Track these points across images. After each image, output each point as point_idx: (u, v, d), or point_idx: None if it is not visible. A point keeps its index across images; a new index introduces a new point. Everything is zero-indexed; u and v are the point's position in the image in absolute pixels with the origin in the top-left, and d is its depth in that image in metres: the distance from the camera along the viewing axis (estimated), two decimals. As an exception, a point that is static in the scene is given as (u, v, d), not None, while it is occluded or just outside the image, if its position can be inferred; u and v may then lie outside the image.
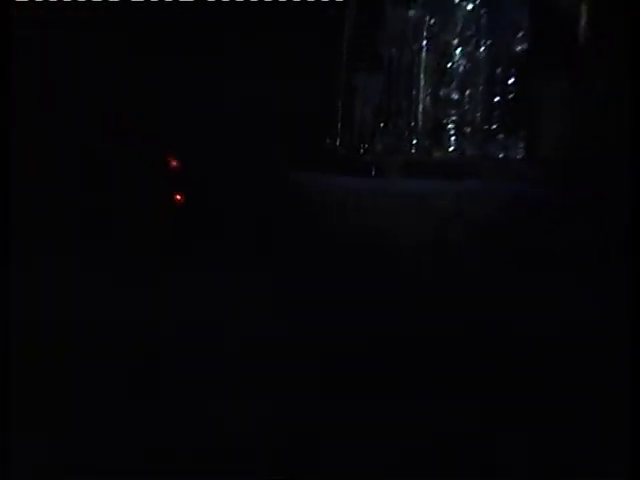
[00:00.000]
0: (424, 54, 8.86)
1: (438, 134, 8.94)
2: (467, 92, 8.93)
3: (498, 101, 8.80)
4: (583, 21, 8.28)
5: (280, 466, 3.64)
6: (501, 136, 8.73)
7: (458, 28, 8.77)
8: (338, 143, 9.03)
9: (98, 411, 4.06)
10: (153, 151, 7.87)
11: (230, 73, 9.10)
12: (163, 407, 4.09)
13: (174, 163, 7.76)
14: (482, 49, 8.82)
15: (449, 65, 8.92)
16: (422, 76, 8.89)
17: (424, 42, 8.86)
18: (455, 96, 8.97)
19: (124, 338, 5.04)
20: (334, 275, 5.83)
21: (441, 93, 8.95)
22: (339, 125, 8.92)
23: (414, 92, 8.87)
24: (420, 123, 9.00)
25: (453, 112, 8.98)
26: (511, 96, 8.80)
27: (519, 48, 8.66)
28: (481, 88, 8.88)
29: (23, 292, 5.17)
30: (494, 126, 8.82)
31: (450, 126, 8.94)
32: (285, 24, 8.84)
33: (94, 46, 9.17)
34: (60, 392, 4.26)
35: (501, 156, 8.44)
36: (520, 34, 8.62)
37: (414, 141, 8.87)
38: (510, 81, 8.73)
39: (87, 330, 5.11)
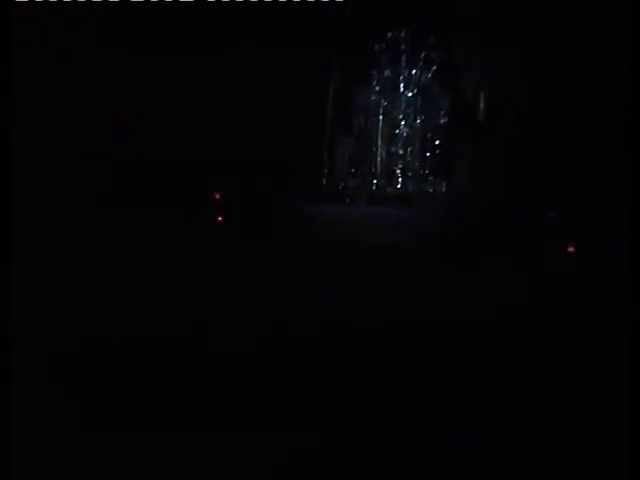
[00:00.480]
0: (380, 123, 10.72)
1: (390, 177, 10.72)
2: (408, 149, 10.73)
3: (428, 155, 10.63)
4: (481, 106, 10.08)
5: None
6: (431, 178, 10.60)
7: (403, 107, 10.69)
8: (324, 182, 10.66)
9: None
10: (203, 188, 9.62)
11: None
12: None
13: (217, 196, 9.78)
14: (418, 121, 10.67)
15: (397, 131, 10.76)
16: (379, 138, 10.75)
17: (380, 116, 10.70)
18: (401, 151, 10.74)
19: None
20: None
21: (392, 149, 10.76)
22: (325, 170, 10.64)
23: (374, 149, 10.70)
24: (378, 169, 10.75)
25: (400, 162, 10.74)
26: (437, 152, 10.60)
27: (441, 121, 10.58)
28: (417, 146, 10.68)
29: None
30: (426, 171, 10.65)
31: (398, 171, 10.71)
32: (287, 98, 9.91)
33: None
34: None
35: (431, 190, 10.54)
36: (442, 112, 10.54)
37: (374, 181, 10.71)
38: (436, 142, 10.60)
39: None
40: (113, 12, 8.59)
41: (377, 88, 10.74)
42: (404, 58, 10.64)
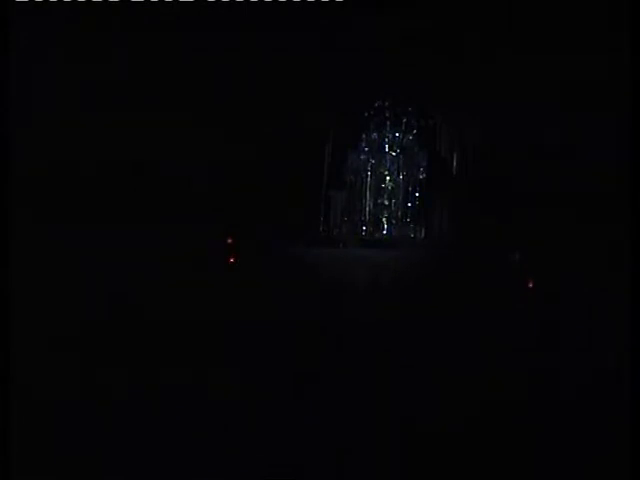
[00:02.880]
0: (368, 179, 11.68)
1: (377, 224, 11.61)
2: (393, 200, 11.62)
3: (410, 205, 11.60)
4: (454, 163, 11.29)
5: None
6: (412, 225, 11.54)
7: (387, 165, 11.67)
8: (320, 228, 11.52)
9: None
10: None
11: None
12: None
13: (230, 240, 10.69)
14: (401, 176, 11.64)
15: (382, 185, 11.68)
16: (367, 191, 11.67)
17: (368, 172, 11.69)
18: (386, 202, 11.62)
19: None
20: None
21: (378, 201, 11.63)
22: (321, 218, 11.55)
23: (363, 200, 11.62)
24: (367, 217, 11.65)
25: (385, 211, 11.63)
26: (417, 202, 11.59)
27: (420, 176, 11.62)
28: (400, 198, 11.61)
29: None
30: (408, 219, 11.59)
31: (384, 219, 11.61)
32: (288, 158, 10.87)
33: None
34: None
35: (412, 235, 11.53)
36: (421, 169, 11.60)
37: (364, 228, 11.61)
38: (416, 194, 11.59)
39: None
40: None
41: (366, 149, 11.81)
42: (388, 123, 11.80)
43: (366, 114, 11.92)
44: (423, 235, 11.43)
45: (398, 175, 11.65)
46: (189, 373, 6.37)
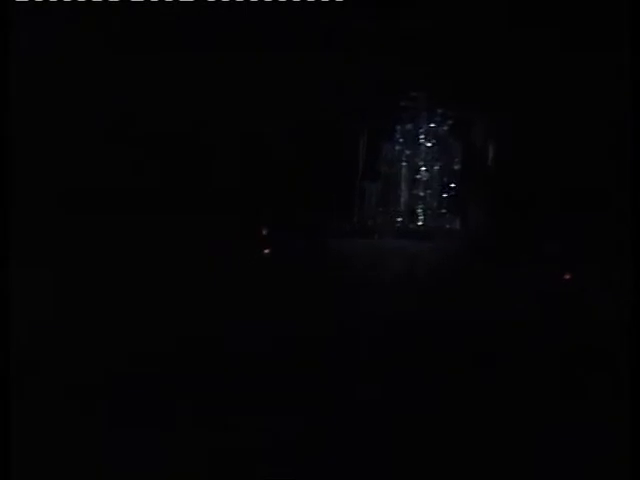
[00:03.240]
0: (404, 170, 11.71)
1: (412, 215, 11.64)
2: (428, 191, 11.64)
3: (445, 196, 11.63)
4: (489, 154, 11.28)
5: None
6: (447, 215, 11.57)
7: (422, 156, 11.70)
8: (355, 219, 11.55)
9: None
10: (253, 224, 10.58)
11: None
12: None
13: (265, 231, 10.80)
14: (436, 167, 11.66)
15: (417, 176, 11.70)
16: (402, 182, 11.69)
17: (403, 163, 11.71)
18: (421, 193, 11.64)
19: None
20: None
21: (413, 192, 11.65)
22: (356, 209, 11.58)
23: (398, 191, 11.66)
24: (402, 208, 11.67)
25: (420, 202, 11.66)
26: (452, 193, 11.62)
27: (455, 167, 11.62)
28: (435, 189, 11.65)
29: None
30: (443, 210, 11.62)
31: (419, 210, 11.63)
32: (326, 151, 10.98)
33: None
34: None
35: (447, 226, 11.53)
36: (456, 159, 11.60)
37: (398, 219, 11.62)
38: (451, 185, 11.61)
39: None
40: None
41: (401, 140, 11.84)
42: (424, 114, 11.79)
43: (401, 105, 11.92)
44: (458, 226, 11.40)
45: (433, 166, 11.63)
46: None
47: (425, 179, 11.80)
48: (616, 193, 8.50)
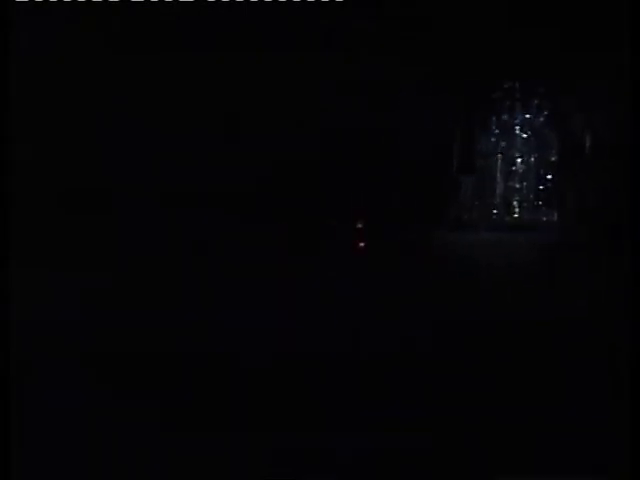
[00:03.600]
0: (499, 162, 11.60)
1: (508, 208, 11.55)
2: (524, 183, 11.52)
3: (541, 188, 11.49)
4: (587, 144, 11.12)
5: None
6: (543, 208, 11.41)
7: (518, 147, 11.57)
8: (451, 213, 11.47)
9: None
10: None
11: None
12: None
13: (360, 225, 10.95)
14: (532, 159, 11.53)
15: (513, 168, 11.58)
16: (498, 174, 11.61)
17: (499, 155, 11.62)
18: (517, 185, 11.53)
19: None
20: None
21: (509, 184, 11.55)
22: (451, 202, 11.50)
23: (494, 184, 11.57)
24: (498, 201, 11.59)
25: (516, 195, 11.54)
26: (549, 185, 11.45)
27: (552, 158, 11.47)
28: (531, 181, 11.51)
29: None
30: (540, 202, 11.47)
31: (515, 203, 11.53)
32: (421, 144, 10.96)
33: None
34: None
35: (544, 219, 11.41)
36: (553, 151, 11.44)
37: (494, 211, 11.56)
38: (548, 177, 11.45)
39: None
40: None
41: (496, 131, 11.71)
42: (519, 105, 11.64)
43: (496, 96, 11.84)
44: (556, 218, 11.26)
45: (529, 157, 11.50)
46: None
47: (521, 171, 11.71)
48: None
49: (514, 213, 11.63)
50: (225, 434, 4.66)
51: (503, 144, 11.76)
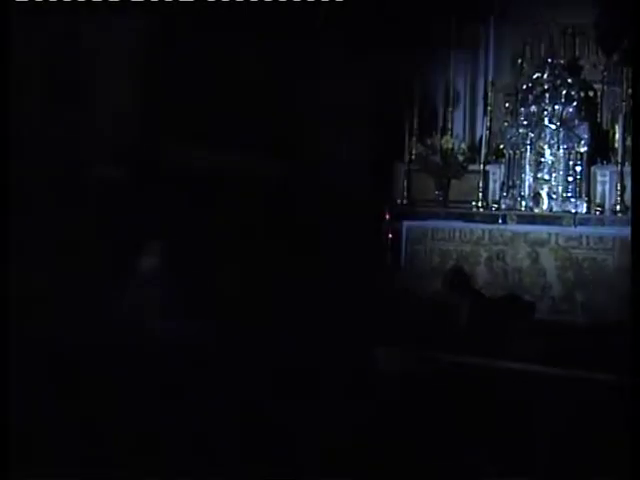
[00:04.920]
0: (527, 153, 11.49)
1: (537, 199, 11.39)
2: (553, 175, 11.36)
3: (570, 180, 11.28)
4: (617, 135, 11.11)
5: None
6: (572, 200, 11.23)
7: (547, 138, 11.45)
8: (479, 204, 11.66)
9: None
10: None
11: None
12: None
13: (387, 216, 11.78)
14: (561, 150, 11.36)
15: (542, 159, 11.44)
16: (527, 166, 11.50)
17: (527, 146, 11.50)
18: (546, 177, 11.38)
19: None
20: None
21: (538, 175, 11.43)
22: (480, 194, 11.65)
23: (523, 175, 11.49)
24: (526, 193, 11.47)
25: (545, 187, 11.40)
26: (578, 177, 11.27)
27: (582, 150, 11.27)
28: (561, 173, 11.34)
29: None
30: (569, 194, 11.28)
31: (544, 195, 11.37)
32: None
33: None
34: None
35: (573, 211, 11.21)
36: (582, 142, 11.26)
37: (523, 203, 11.47)
38: (578, 169, 11.28)
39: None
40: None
41: (524, 122, 11.64)
42: (547, 95, 11.55)
43: (525, 86, 11.82)
44: (585, 210, 11.15)
45: (558, 148, 11.40)
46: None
47: (550, 162, 11.61)
48: None
49: (543, 205, 11.64)
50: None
51: (532, 135, 11.75)
